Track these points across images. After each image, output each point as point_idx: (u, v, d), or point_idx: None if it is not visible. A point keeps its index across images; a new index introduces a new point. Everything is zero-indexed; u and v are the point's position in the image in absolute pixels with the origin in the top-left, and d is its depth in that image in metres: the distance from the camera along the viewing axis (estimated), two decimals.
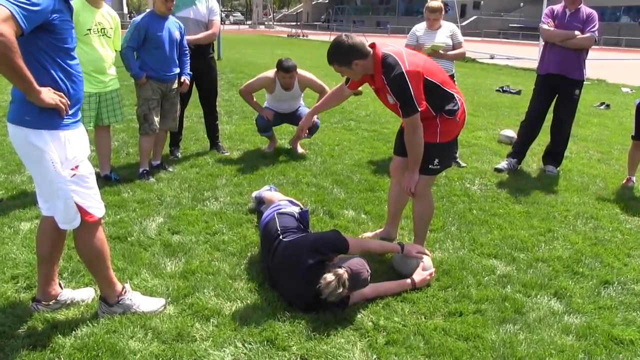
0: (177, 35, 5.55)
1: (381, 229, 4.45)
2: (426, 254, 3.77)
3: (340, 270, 3.16)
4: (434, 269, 3.73)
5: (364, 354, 2.95)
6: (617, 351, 3.04)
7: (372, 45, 3.61)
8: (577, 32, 5.95)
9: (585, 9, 6.05)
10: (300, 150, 6.78)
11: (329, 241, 3.52)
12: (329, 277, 3.12)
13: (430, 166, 3.80)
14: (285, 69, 6.29)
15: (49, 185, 2.80)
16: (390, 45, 3.68)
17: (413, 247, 3.79)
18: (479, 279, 3.79)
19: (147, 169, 5.71)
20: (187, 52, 5.77)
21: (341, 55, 3.56)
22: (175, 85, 5.71)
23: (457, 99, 3.73)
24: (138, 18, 5.45)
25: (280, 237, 3.63)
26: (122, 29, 5.32)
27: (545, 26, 6.17)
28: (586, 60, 6.21)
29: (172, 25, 5.53)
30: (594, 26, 5.96)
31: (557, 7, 6.19)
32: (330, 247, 3.48)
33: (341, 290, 3.13)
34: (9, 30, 2.39)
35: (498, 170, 6.38)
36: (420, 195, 3.91)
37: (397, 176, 4.19)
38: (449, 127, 3.74)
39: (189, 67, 5.83)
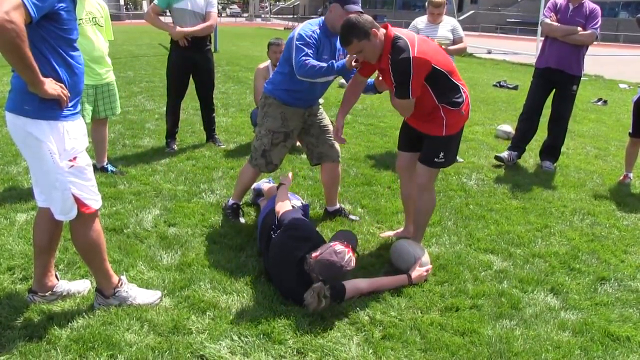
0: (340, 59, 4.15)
1: (401, 229, 4.38)
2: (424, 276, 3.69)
3: (317, 286, 3.15)
4: (430, 266, 3.73)
5: (360, 348, 2.95)
6: (613, 347, 3.04)
7: (385, 26, 3.57)
8: (579, 28, 5.93)
9: (588, 4, 6.01)
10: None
11: (299, 231, 3.53)
12: (309, 298, 3.12)
13: (435, 159, 3.78)
14: (276, 44, 6.61)
15: (47, 176, 2.78)
16: (403, 29, 3.65)
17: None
18: (476, 274, 3.79)
19: (238, 203, 4.57)
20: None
21: (358, 28, 3.45)
22: (320, 111, 4.46)
23: (462, 91, 3.71)
24: (309, 29, 4.00)
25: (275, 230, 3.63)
26: (114, 20, 5.26)
27: (547, 20, 6.13)
28: (585, 56, 6.22)
29: (338, 49, 4.15)
30: (597, 23, 5.93)
31: (560, 1, 6.14)
32: (300, 237, 3.48)
33: (324, 303, 3.13)
34: (19, 18, 2.38)
35: (498, 159, 6.43)
36: (424, 188, 3.90)
37: (405, 174, 4.15)
38: (455, 119, 3.71)
39: None
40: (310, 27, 4.05)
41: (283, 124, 4.22)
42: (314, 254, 3.30)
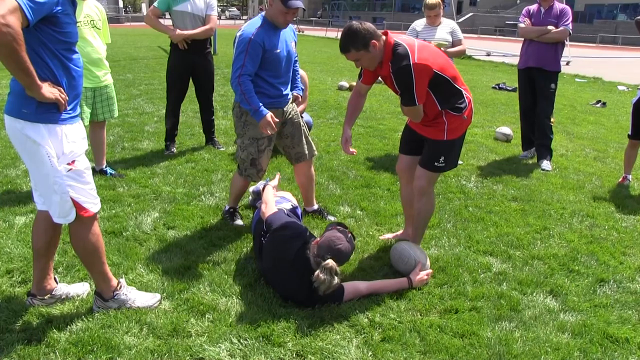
0: (293, 47, 4.29)
1: (401, 231, 4.40)
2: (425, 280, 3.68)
3: (328, 263, 3.16)
4: (431, 270, 3.72)
5: (359, 350, 2.94)
6: (612, 349, 3.04)
7: (385, 33, 3.57)
8: (550, 27, 6.39)
9: (558, 5, 6.53)
10: None
11: (287, 230, 3.55)
12: (320, 274, 3.13)
13: (435, 163, 3.78)
14: None
15: (45, 179, 2.78)
16: (403, 36, 3.65)
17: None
18: (475, 276, 3.79)
19: (235, 207, 4.60)
20: (297, 60, 4.49)
21: (358, 38, 3.45)
22: (292, 106, 4.43)
23: (465, 96, 3.70)
24: (248, 32, 3.93)
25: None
26: (113, 23, 5.27)
27: (521, 25, 6.71)
28: (562, 54, 6.69)
29: (289, 35, 4.25)
30: (567, 20, 6.40)
31: (533, 7, 6.70)
32: (289, 237, 3.50)
33: (336, 280, 3.16)
34: (16, 22, 2.37)
35: (524, 157, 7.01)
36: (423, 191, 3.89)
37: (404, 177, 4.15)
38: (456, 124, 3.70)
39: (299, 79, 4.62)
40: (250, 28, 3.97)
41: None
42: (314, 241, 3.36)
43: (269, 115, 3.93)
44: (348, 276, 3.67)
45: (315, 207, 4.73)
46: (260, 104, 3.93)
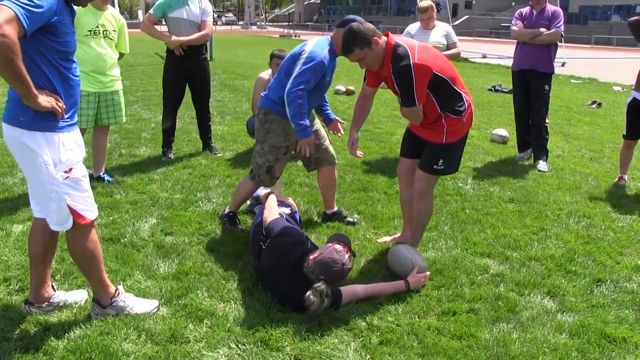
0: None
1: (398, 234, 4.40)
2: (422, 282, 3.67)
3: (319, 286, 3.18)
4: (428, 272, 3.72)
5: (357, 354, 2.95)
6: (609, 349, 3.05)
7: (386, 34, 3.60)
8: (542, 30, 6.48)
9: (550, 7, 6.58)
10: None
11: (289, 237, 3.56)
12: (311, 297, 3.14)
13: (434, 166, 3.78)
14: (279, 57, 6.21)
15: (42, 187, 2.79)
16: (404, 37, 3.67)
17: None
18: (473, 278, 3.80)
19: (235, 212, 4.56)
20: None
21: (360, 37, 3.48)
22: (311, 116, 4.52)
23: (465, 99, 3.70)
24: (320, 54, 4.01)
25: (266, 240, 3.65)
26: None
27: (514, 27, 6.75)
28: (555, 55, 6.75)
29: (335, 64, 4.31)
30: (559, 22, 6.47)
31: (525, 10, 6.76)
32: (291, 243, 3.51)
33: (326, 302, 3.17)
34: (12, 32, 2.37)
35: (521, 158, 7.02)
36: (422, 194, 3.89)
37: (405, 180, 4.15)
38: (456, 127, 3.71)
39: (327, 103, 4.89)
40: (322, 49, 4.06)
41: (285, 139, 4.25)
42: (312, 256, 3.33)
43: (313, 136, 4.13)
44: (346, 280, 3.67)
45: (335, 209, 4.75)
46: (308, 124, 4.07)
